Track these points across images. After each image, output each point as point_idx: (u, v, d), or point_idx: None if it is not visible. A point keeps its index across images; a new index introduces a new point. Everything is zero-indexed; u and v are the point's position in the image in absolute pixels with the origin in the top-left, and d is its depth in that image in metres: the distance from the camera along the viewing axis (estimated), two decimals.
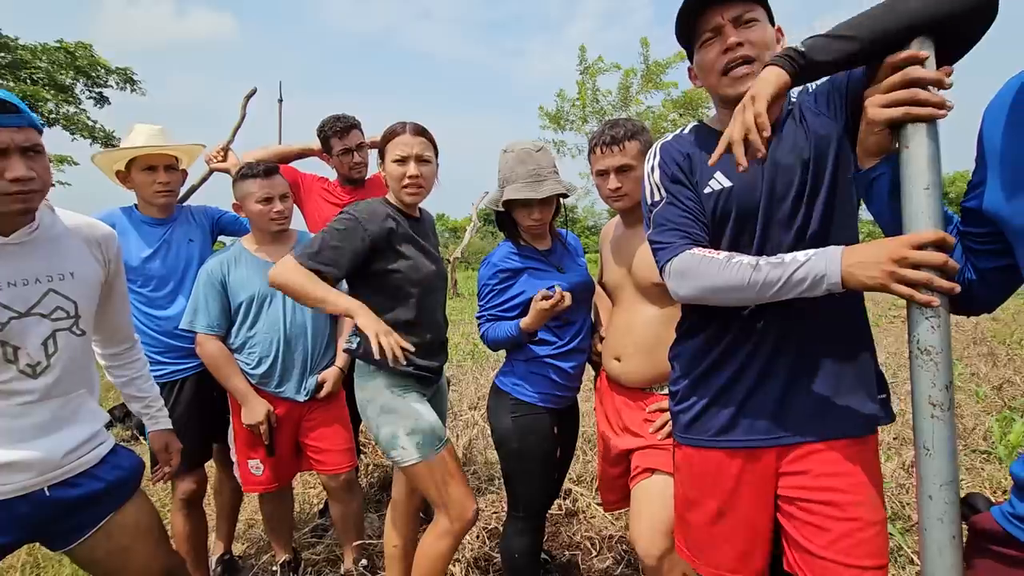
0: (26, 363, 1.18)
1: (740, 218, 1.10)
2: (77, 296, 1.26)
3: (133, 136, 2.01)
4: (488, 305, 1.78)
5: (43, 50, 13.00)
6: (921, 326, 0.85)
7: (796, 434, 1.09)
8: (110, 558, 1.30)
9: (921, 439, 0.86)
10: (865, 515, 1.04)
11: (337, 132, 2.36)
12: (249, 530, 2.65)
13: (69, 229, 1.29)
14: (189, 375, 2.03)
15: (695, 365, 1.18)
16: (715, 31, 1.07)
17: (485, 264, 1.82)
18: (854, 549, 1.03)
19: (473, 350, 6.58)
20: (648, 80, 15.33)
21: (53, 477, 1.20)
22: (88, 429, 1.28)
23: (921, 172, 0.85)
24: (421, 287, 1.65)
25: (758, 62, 1.05)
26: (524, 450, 1.74)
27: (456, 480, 1.62)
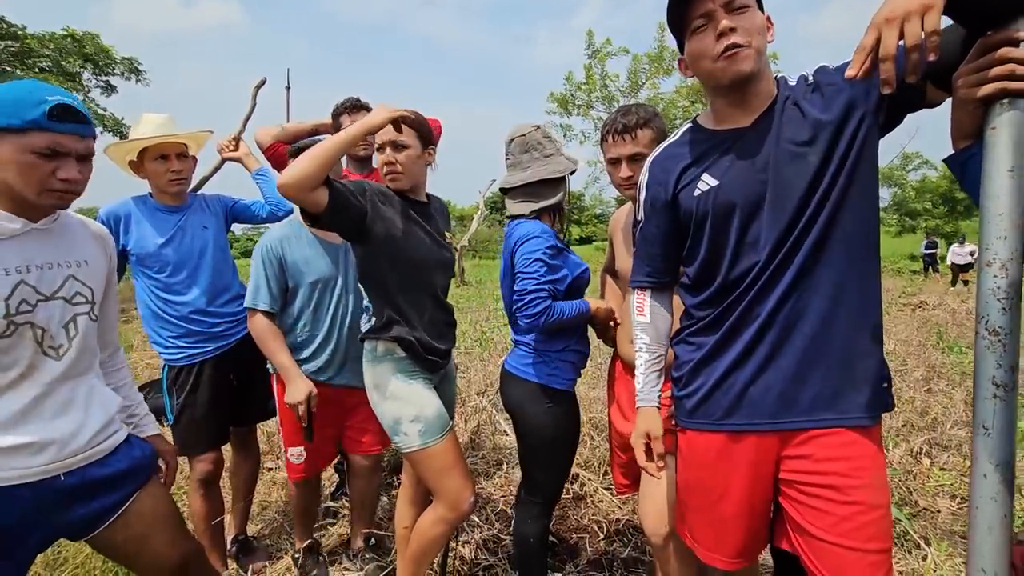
0: (49, 345, 1.22)
1: (740, 211, 1.10)
2: (93, 283, 1.31)
3: (142, 126, 2.03)
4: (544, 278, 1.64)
5: (50, 38, 13.00)
6: (992, 307, 0.86)
7: (800, 419, 1.09)
8: (128, 545, 1.33)
9: (981, 418, 0.88)
10: (867, 499, 1.05)
11: (347, 110, 2.43)
12: (263, 511, 2.70)
13: (77, 223, 1.36)
14: (207, 359, 2.07)
15: (698, 350, 1.19)
16: (706, 17, 1.06)
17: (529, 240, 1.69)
18: (856, 532, 1.04)
19: (481, 337, 6.61)
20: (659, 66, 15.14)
21: (73, 463, 1.22)
22: (105, 414, 1.31)
23: (1005, 153, 0.85)
24: (423, 266, 1.65)
25: (749, 48, 1.04)
26: (559, 437, 1.77)
27: (455, 470, 1.63)
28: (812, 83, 1.10)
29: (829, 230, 1.06)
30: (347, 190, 1.50)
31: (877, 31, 0.83)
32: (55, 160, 1.16)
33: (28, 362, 1.19)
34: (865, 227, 1.08)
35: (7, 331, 1.15)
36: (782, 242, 1.07)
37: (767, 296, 1.09)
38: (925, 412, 3.70)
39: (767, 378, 1.10)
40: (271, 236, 1.94)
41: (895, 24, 0.81)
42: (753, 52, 1.04)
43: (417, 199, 1.73)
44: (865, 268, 1.09)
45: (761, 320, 1.10)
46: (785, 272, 1.07)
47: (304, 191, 1.38)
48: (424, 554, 1.70)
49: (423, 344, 1.65)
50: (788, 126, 1.08)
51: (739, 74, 1.05)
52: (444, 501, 1.63)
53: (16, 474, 1.15)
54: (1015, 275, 0.85)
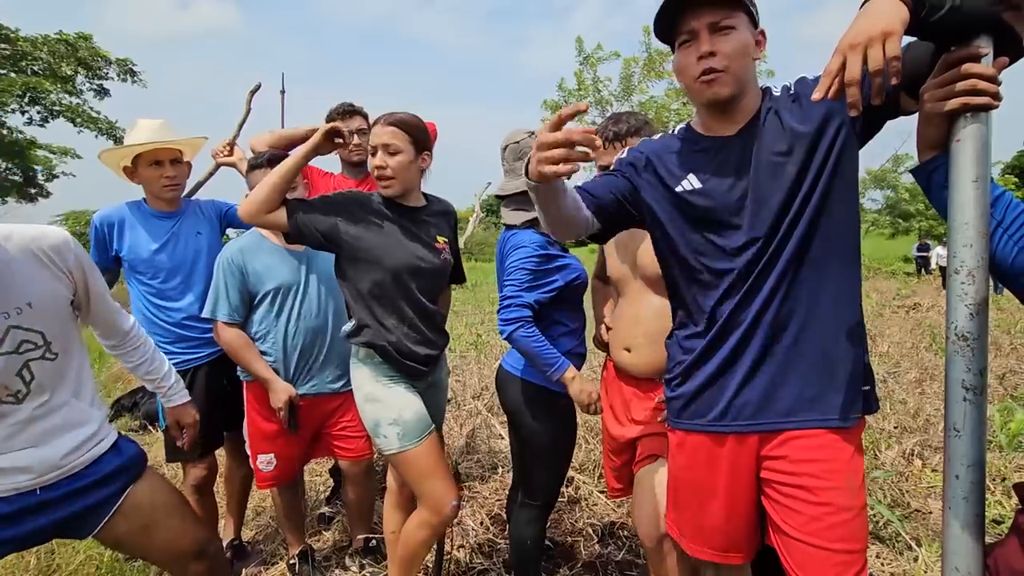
0: (7, 394, 1.18)
1: (720, 218, 1.13)
2: (42, 325, 1.21)
3: (136, 131, 2.03)
4: (527, 287, 1.67)
5: (43, 41, 12.96)
6: (960, 313, 0.89)
7: (780, 421, 1.12)
8: (132, 538, 1.34)
9: (951, 420, 0.90)
10: (837, 500, 1.07)
11: (340, 115, 2.40)
12: (257, 517, 2.70)
13: (14, 253, 1.17)
14: (201, 364, 2.07)
15: (688, 353, 1.22)
16: (691, 35, 1.08)
17: (517, 248, 1.72)
18: (824, 532, 1.07)
19: (476, 340, 6.61)
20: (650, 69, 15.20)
21: (51, 478, 1.23)
22: (84, 432, 1.29)
23: (970, 164, 0.88)
24: (401, 272, 1.64)
25: (726, 73, 1.06)
26: (557, 439, 1.78)
27: (435, 474, 1.63)
28: (793, 93, 1.13)
29: (809, 237, 1.09)
30: (312, 211, 1.60)
31: (842, 56, 0.86)
32: None
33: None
34: (844, 233, 1.11)
35: None
36: (762, 250, 1.10)
37: (750, 301, 1.12)
38: (917, 414, 3.73)
39: (750, 381, 1.13)
40: (231, 247, 1.96)
41: (858, 50, 0.84)
42: (730, 77, 1.06)
43: (407, 204, 1.72)
44: (845, 273, 1.11)
45: (746, 325, 1.12)
46: (766, 279, 1.10)
47: (260, 216, 1.57)
48: (411, 559, 1.70)
49: (399, 350, 1.65)
50: (768, 136, 1.10)
51: (715, 98, 1.09)
52: (426, 505, 1.64)
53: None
54: (981, 282, 0.88)
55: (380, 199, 1.70)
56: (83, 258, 1.29)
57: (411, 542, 1.68)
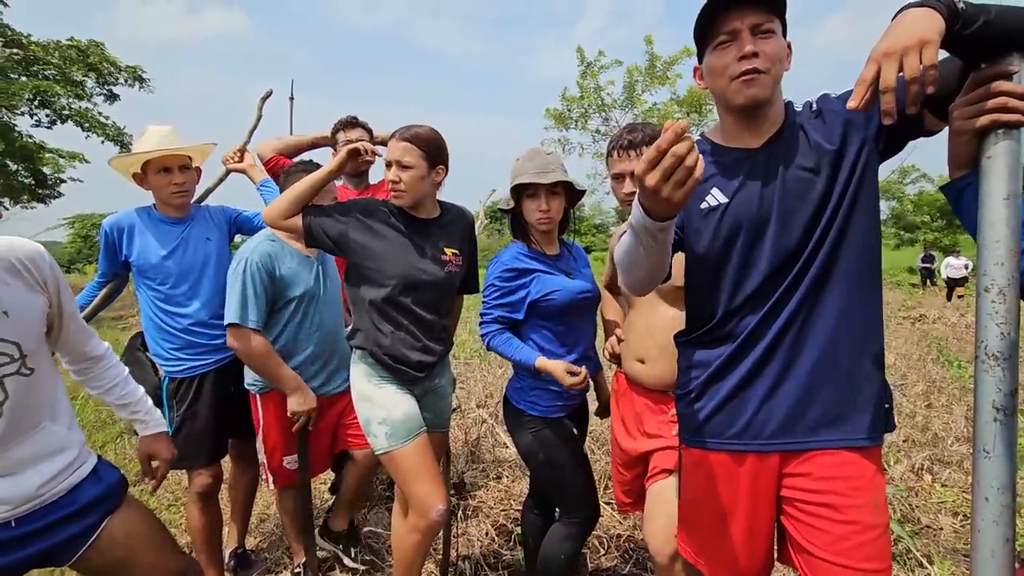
0: None
1: (746, 233, 1.12)
2: (18, 336, 1.14)
3: (146, 138, 2.04)
4: (494, 303, 1.77)
5: (55, 47, 13.10)
6: (990, 332, 0.87)
7: (803, 440, 1.11)
8: (110, 570, 1.30)
9: (981, 442, 0.88)
10: (864, 518, 1.06)
11: (343, 127, 2.50)
12: (261, 524, 2.68)
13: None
14: (208, 371, 2.06)
15: (705, 368, 1.20)
16: (732, 35, 1.07)
17: (494, 262, 1.82)
18: (852, 551, 1.05)
19: (480, 347, 6.60)
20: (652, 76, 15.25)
21: (26, 509, 1.17)
22: (62, 459, 1.23)
23: (1001, 182, 0.87)
24: (400, 281, 1.67)
25: (767, 75, 1.06)
26: (552, 459, 1.77)
27: (422, 477, 1.63)
28: (816, 110, 1.12)
29: (834, 255, 1.08)
30: (324, 217, 1.67)
31: (877, 64, 0.85)
32: None
33: None
34: (867, 251, 1.10)
35: None
36: (788, 266, 1.09)
37: (773, 319, 1.10)
38: (926, 428, 3.69)
39: (772, 399, 1.12)
40: (254, 252, 1.90)
41: (894, 58, 0.83)
42: (770, 80, 1.06)
43: (418, 216, 1.74)
44: (868, 291, 1.10)
45: (768, 341, 1.11)
46: (791, 296, 1.09)
47: (279, 221, 1.67)
48: (407, 564, 1.71)
49: (390, 354, 1.69)
50: (795, 152, 1.10)
51: (753, 99, 1.07)
52: (413, 507, 1.65)
53: None
54: (1012, 300, 0.87)
55: (392, 208, 1.73)
56: (57, 272, 1.24)
57: (403, 546, 1.70)
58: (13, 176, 14.48)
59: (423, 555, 1.71)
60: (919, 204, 24.82)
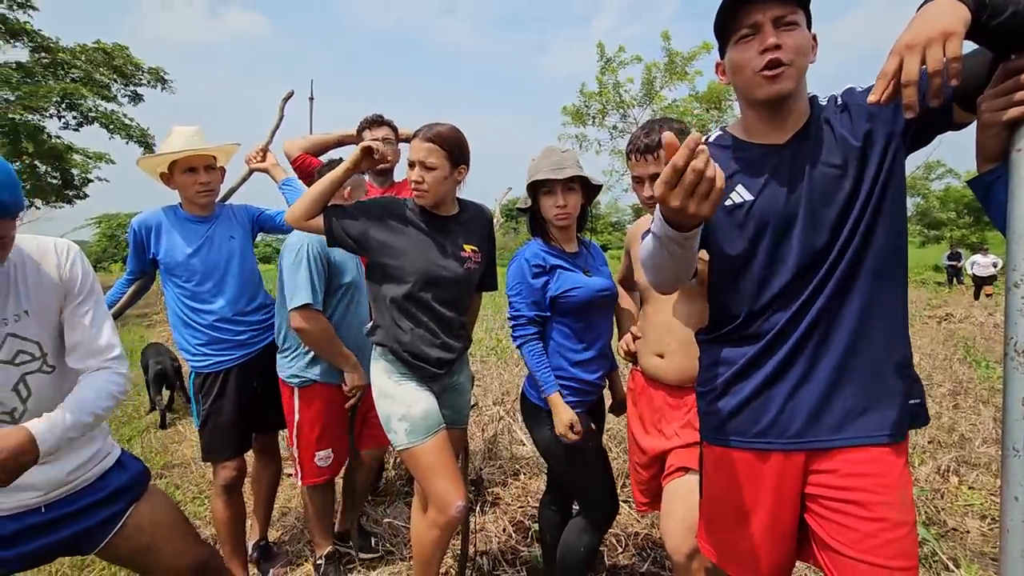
0: (2, 411, 1.15)
1: (772, 231, 1.10)
2: (39, 335, 1.18)
3: (172, 139, 2.09)
4: (525, 302, 1.77)
5: (82, 50, 13.43)
6: (1020, 327, 0.86)
7: (830, 437, 1.09)
8: (135, 556, 1.35)
9: (1011, 440, 0.87)
10: (892, 515, 1.04)
11: (369, 125, 2.51)
12: (283, 517, 2.73)
13: (27, 261, 1.18)
14: (232, 367, 2.10)
15: (730, 366, 1.18)
16: (754, 28, 1.05)
17: (516, 261, 1.83)
18: (881, 549, 1.03)
19: (496, 346, 6.61)
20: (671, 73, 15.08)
21: (56, 495, 1.23)
22: (88, 449, 1.28)
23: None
24: (420, 278, 1.68)
25: (791, 68, 1.04)
26: (571, 454, 1.77)
27: (441, 473, 1.65)
28: (841, 104, 1.10)
29: (862, 251, 1.06)
30: (345, 216, 1.69)
31: (899, 57, 0.83)
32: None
33: None
34: (894, 246, 1.08)
35: None
36: (816, 264, 1.08)
37: (801, 317, 1.09)
38: (952, 429, 3.61)
39: (797, 397, 1.10)
40: (304, 238, 1.95)
41: (916, 50, 0.81)
42: (794, 72, 1.04)
43: (439, 213, 1.76)
44: (894, 287, 1.09)
45: (795, 340, 1.09)
46: (820, 294, 1.08)
47: (301, 221, 1.69)
48: (427, 560, 1.72)
49: (410, 351, 1.70)
50: (822, 148, 1.08)
51: (777, 94, 1.05)
52: (433, 503, 1.66)
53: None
54: None
55: (412, 206, 1.75)
56: (79, 265, 1.26)
57: (422, 542, 1.71)
58: (42, 177, 14.91)
59: (442, 550, 1.73)
60: (945, 200, 24.18)
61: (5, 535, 1.19)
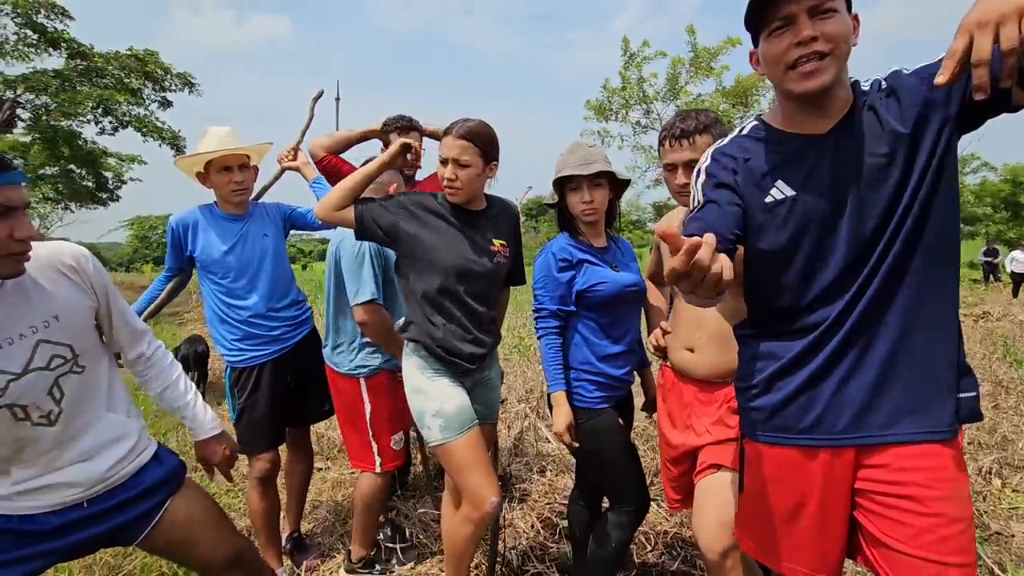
0: (39, 416, 1.18)
1: (817, 225, 1.07)
2: (70, 338, 1.21)
3: (207, 139, 2.14)
4: (549, 295, 1.78)
5: (115, 57, 13.85)
6: None
7: (880, 433, 1.06)
8: (172, 549, 1.39)
9: None
10: (949, 511, 1.00)
11: (398, 129, 2.48)
12: (314, 510, 2.78)
13: (39, 268, 1.19)
14: (266, 361, 2.14)
15: (773, 361, 1.15)
16: (787, 20, 1.01)
17: (543, 254, 1.83)
18: (937, 545, 0.99)
19: (519, 344, 6.61)
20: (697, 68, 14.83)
21: (97, 491, 1.27)
22: (125, 445, 1.32)
23: None
24: (451, 273, 1.68)
25: (832, 57, 1.00)
26: (600, 451, 1.77)
27: (475, 469, 1.65)
28: (887, 88, 1.06)
29: (912, 242, 1.02)
30: (375, 208, 1.70)
31: (968, 35, 0.79)
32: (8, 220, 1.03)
33: (19, 437, 1.17)
34: (946, 236, 1.04)
35: None
36: (864, 257, 1.04)
37: (850, 311, 1.06)
38: (994, 430, 3.49)
39: (846, 392, 1.07)
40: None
41: (989, 28, 0.77)
42: (834, 61, 1.00)
43: (468, 208, 1.77)
44: (945, 278, 1.05)
45: (843, 334, 1.06)
46: (868, 287, 1.04)
47: (331, 215, 1.70)
48: (459, 554, 1.73)
49: (443, 346, 1.70)
50: (867, 136, 1.04)
51: (813, 89, 1.01)
52: (467, 499, 1.66)
53: (39, 504, 1.22)
54: None
55: (442, 201, 1.75)
56: (103, 273, 1.30)
57: (456, 537, 1.71)
58: (77, 181, 15.44)
59: (475, 546, 1.73)
60: (980, 195, 23.32)
61: (50, 529, 1.23)
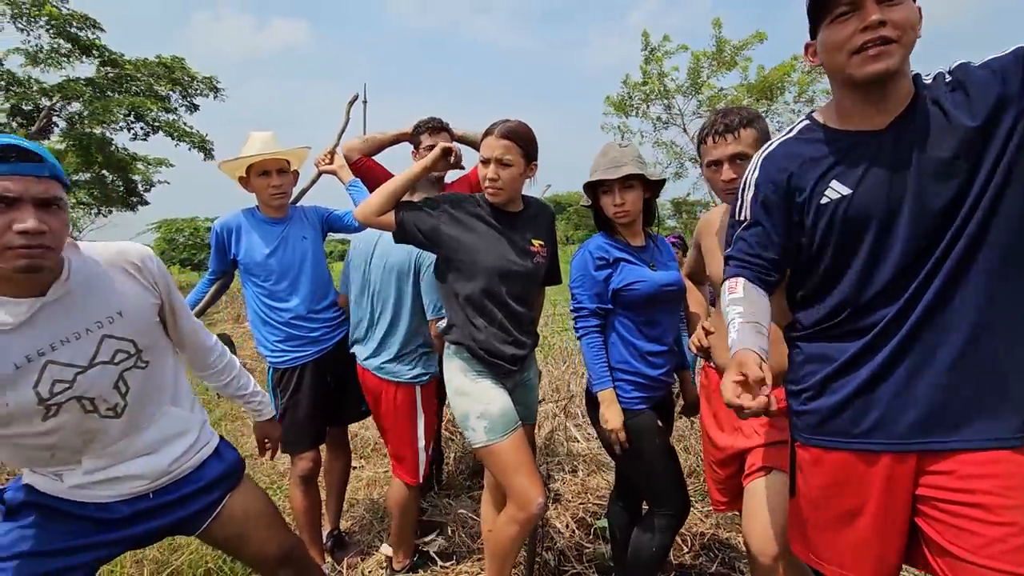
0: (106, 408, 1.22)
1: (875, 225, 1.04)
2: (133, 333, 1.25)
3: (249, 144, 2.18)
4: (588, 294, 1.77)
5: (144, 64, 14.22)
6: None
7: (943, 440, 1.03)
8: (228, 542, 1.44)
9: None
10: (1021, 520, 0.97)
11: (429, 130, 2.46)
12: (351, 508, 2.82)
13: (103, 265, 1.23)
14: (307, 362, 2.18)
15: (827, 363, 1.13)
16: (852, 5, 0.99)
17: (580, 253, 1.83)
18: (1009, 555, 0.96)
19: (544, 343, 6.60)
20: (720, 62, 14.56)
21: (161, 483, 1.32)
22: (188, 439, 1.37)
23: None
24: (491, 274, 1.68)
25: (898, 44, 0.98)
26: (640, 452, 1.76)
27: (521, 470, 1.65)
28: (952, 81, 1.03)
29: (978, 243, 0.99)
30: (416, 211, 1.70)
31: None
32: (9, 211, 1.01)
33: (88, 428, 1.21)
34: (1018, 235, 1.00)
35: (49, 413, 1.14)
36: (924, 257, 1.02)
37: (909, 312, 1.03)
38: None
39: (906, 395, 1.05)
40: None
41: None
42: (901, 49, 0.98)
43: (507, 209, 1.77)
44: (1017, 280, 1.01)
45: (902, 336, 1.04)
46: (928, 287, 1.02)
47: (373, 219, 1.70)
48: (502, 554, 1.73)
49: (486, 348, 1.70)
50: (931, 131, 1.01)
51: (880, 73, 0.99)
52: (513, 500, 1.66)
53: (111, 493, 1.27)
54: None
55: (482, 202, 1.76)
56: (165, 272, 1.34)
57: (501, 538, 1.71)
58: (110, 186, 15.91)
59: (519, 546, 1.74)
60: None
61: (122, 517, 1.29)
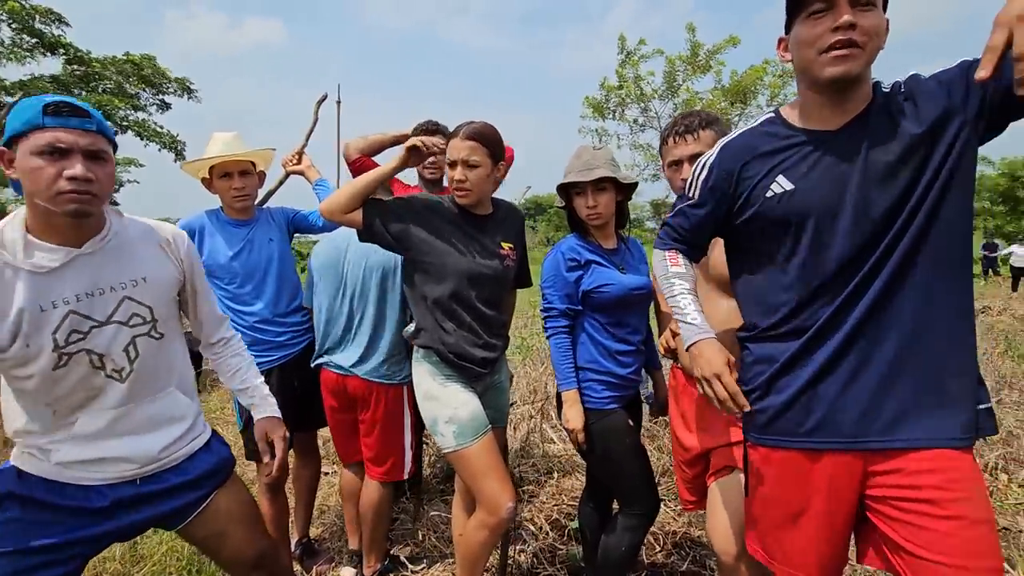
0: (112, 368, 1.22)
1: (815, 221, 1.07)
2: (152, 301, 1.28)
3: (211, 144, 2.12)
4: (558, 294, 1.78)
5: (112, 62, 13.81)
6: None
7: (883, 439, 1.05)
8: (207, 541, 1.41)
9: None
10: (969, 512, 0.99)
11: (424, 132, 2.42)
12: (322, 515, 2.77)
13: (139, 233, 1.31)
14: (273, 367, 2.14)
15: (771, 363, 1.15)
16: (828, 3, 1.01)
17: (552, 254, 1.84)
18: (960, 548, 0.98)
19: (521, 344, 6.59)
20: (695, 66, 14.79)
21: (149, 470, 1.29)
22: (181, 426, 1.35)
23: None
24: (460, 277, 1.67)
25: (862, 51, 1.00)
26: (609, 452, 1.76)
27: (491, 475, 1.64)
28: (905, 91, 1.06)
29: (919, 244, 1.02)
30: (385, 212, 1.66)
31: (1007, 29, 0.79)
32: (60, 160, 1.10)
33: (92, 385, 1.21)
34: (958, 239, 1.03)
35: (60, 362, 1.16)
36: (864, 256, 1.04)
37: (849, 310, 1.05)
38: (999, 425, 3.49)
39: (848, 394, 1.06)
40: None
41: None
42: (864, 55, 1.00)
43: (476, 212, 1.76)
44: (956, 282, 1.04)
45: (843, 334, 1.06)
46: (868, 286, 1.04)
47: (338, 215, 1.64)
48: (473, 559, 1.72)
49: (455, 352, 1.68)
50: (880, 136, 1.04)
51: (841, 75, 1.01)
52: (483, 505, 1.65)
53: (96, 476, 1.24)
54: None
55: (450, 204, 1.74)
56: (194, 255, 1.42)
57: (471, 542, 1.70)
58: None
59: (490, 550, 1.73)
60: (978, 189, 23.30)
61: (104, 506, 1.25)
